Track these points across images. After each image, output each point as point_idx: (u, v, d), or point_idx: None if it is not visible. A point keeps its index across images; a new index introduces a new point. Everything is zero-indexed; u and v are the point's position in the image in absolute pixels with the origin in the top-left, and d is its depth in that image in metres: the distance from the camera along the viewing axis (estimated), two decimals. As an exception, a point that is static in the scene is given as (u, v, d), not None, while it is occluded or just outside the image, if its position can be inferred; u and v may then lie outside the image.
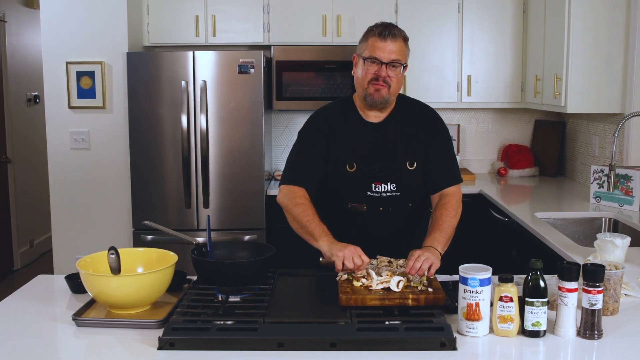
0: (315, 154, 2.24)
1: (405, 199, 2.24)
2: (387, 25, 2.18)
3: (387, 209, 2.23)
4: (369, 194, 2.22)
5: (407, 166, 2.22)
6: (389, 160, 2.22)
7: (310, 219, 2.09)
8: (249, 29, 4.28)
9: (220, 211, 4.03)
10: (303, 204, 2.15)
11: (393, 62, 2.14)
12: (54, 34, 4.03)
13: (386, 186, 2.22)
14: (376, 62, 2.14)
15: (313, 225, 2.07)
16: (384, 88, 2.15)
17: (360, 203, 2.23)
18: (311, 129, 2.30)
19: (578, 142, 4.22)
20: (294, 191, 2.20)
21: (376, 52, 2.13)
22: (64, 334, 1.73)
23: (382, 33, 2.13)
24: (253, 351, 1.59)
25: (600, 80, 3.52)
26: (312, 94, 4.25)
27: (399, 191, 2.22)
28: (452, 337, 1.59)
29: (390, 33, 2.13)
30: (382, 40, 2.13)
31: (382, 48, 2.13)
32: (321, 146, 2.24)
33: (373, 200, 2.22)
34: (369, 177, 2.21)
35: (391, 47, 2.13)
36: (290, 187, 2.22)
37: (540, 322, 1.64)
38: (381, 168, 2.21)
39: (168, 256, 1.94)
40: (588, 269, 1.63)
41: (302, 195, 2.18)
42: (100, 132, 4.11)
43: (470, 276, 1.64)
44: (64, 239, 4.20)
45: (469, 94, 4.32)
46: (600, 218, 3.24)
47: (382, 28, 2.15)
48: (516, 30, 4.28)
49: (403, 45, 2.17)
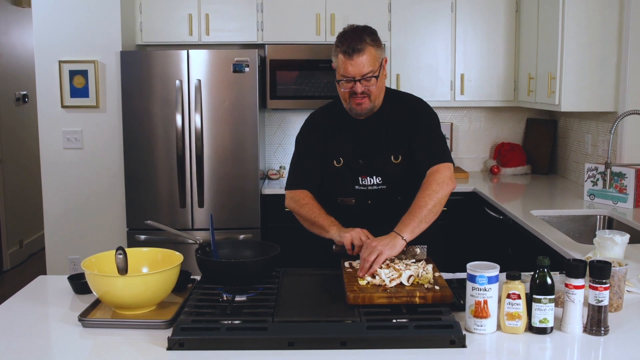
0: (312, 156, 2.33)
1: (392, 192, 2.28)
2: (351, 38, 2.12)
3: (375, 202, 2.28)
4: (356, 187, 2.28)
5: (392, 159, 2.26)
6: (374, 154, 2.26)
7: (317, 214, 2.22)
8: (243, 28, 4.27)
9: (215, 210, 4.02)
10: (308, 203, 2.27)
11: (364, 76, 2.13)
12: (46, 33, 4.00)
13: (372, 179, 2.27)
14: (349, 80, 2.15)
15: (321, 219, 2.20)
16: (364, 100, 2.19)
17: (348, 197, 2.30)
18: (304, 132, 2.39)
19: (570, 140, 4.26)
20: (298, 194, 2.31)
21: (347, 71, 2.13)
22: (70, 335, 1.72)
23: (346, 52, 2.10)
24: (263, 350, 1.58)
25: (594, 79, 3.55)
26: (306, 93, 4.24)
27: (385, 184, 2.27)
28: (461, 335, 1.60)
29: (355, 49, 2.09)
30: (349, 58, 2.10)
31: (352, 66, 2.11)
32: (315, 147, 2.32)
33: (361, 194, 2.28)
34: (355, 171, 2.27)
35: (359, 62, 2.10)
36: (293, 192, 2.34)
37: (548, 318, 1.65)
38: (366, 161, 2.26)
39: (173, 256, 1.93)
40: (595, 266, 1.64)
41: (306, 196, 2.30)
42: (94, 131, 4.09)
43: (478, 274, 1.65)
44: (57, 240, 4.17)
45: (462, 92, 4.35)
46: (595, 215, 3.27)
47: (346, 45, 2.11)
48: (509, 30, 4.31)
49: (373, 53, 2.13)
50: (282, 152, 4.74)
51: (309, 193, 2.29)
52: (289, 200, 2.34)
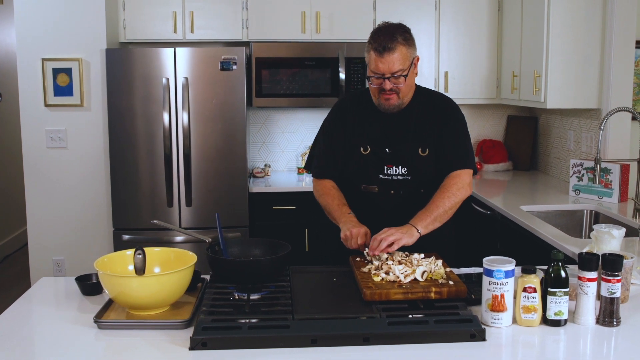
0: (338, 143, 2.37)
1: (417, 184, 2.31)
2: (383, 37, 2.16)
3: (398, 192, 2.31)
4: (380, 176, 2.32)
5: (420, 152, 2.30)
6: (402, 145, 2.30)
7: (332, 205, 2.29)
8: (228, 26, 4.25)
9: (203, 209, 3.99)
10: (327, 193, 2.34)
11: (394, 74, 2.18)
12: (28, 30, 3.92)
13: (398, 169, 2.30)
14: (379, 77, 2.19)
15: (334, 210, 2.28)
16: (393, 97, 2.23)
17: (372, 185, 2.33)
18: (332, 117, 2.43)
19: (551, 136, 4.35)
20: (321, 184, 2.39)
21: (377, 68, 2.18)
22: (86, 336, 1.69)
23: (377, 49, 2.16)
24: (286, 348, 1.59)
25: (578, 77, 3.64)
26: (291, 91, 4.24)
27: (410, 175, 2.30)
28: (481, 329, 1.63)
29: (386, 48, 2.15)
30: (380, 56, 2.16)
31: (382, 63, 2.16)
32: (341, 134, 2.37)
33: (385, 183, 2.32)
34: (382, 160, 2.31)
35: (389, 60, 2.16)
36: (318, 181, 2.42)
37: (562, 311, 1.69)
38: (394, 151, 2.30)
39: (186, 256, 1.92)
40: (607, 259, 1.69)
41: (326, 186, 2.37)
42: (78, 130, 4.02)
43: (495, 268, 1.69)
44: (41, 240, 4.09)
45: (446, 90, 4.39)
46: (582, 210, 3.35)
47: (377, 43, 2.16)
48: (491, 28, 4.37)
49: (404, 51, 2.18)
50: (266, 151, 4.74)
51: (331, 182, 2.37)
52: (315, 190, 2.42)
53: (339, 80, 4.17)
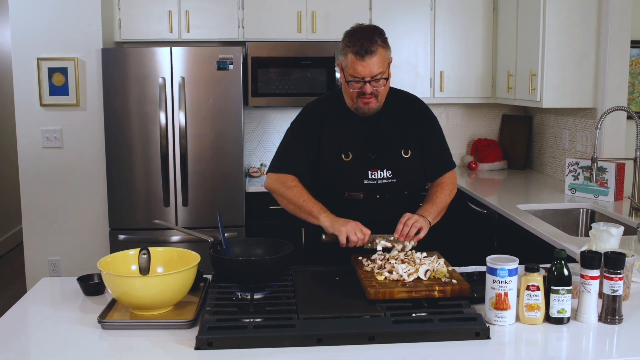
0: (307, 144, 2.28)
1: (401, 186, 2.29)
2: (363, 40, 2.12)
3: (384, 196, 2.28)
4: (365, 182, 2.27)
5: (402, 154, 2.29)
6: (385, 148, 2.27)
7: (306, 199, 2.18)
8: (223, 25, 4.24)
9: (199, 209, 3.99)
10: (296, 186, 2.22)
11: (375, 77, 2.15)
12: (23, 29, 3.90)
13: (382, 173, 2.26)
14: (359, 80, 2.16)
15: (310, 204, 2.17)
16: (372, 100, 2.20)
17: (356, 191, 2.27)
18: (304, 119, 2.35)
19: (546, 135, 4.37)
20: (284, 177, 2.26)
21: (357, 72, 2.14)
22: (91, 337, 1.69)
23: (358, 52, 2.11)
24: (292, 347, 1.59)
25: (574, 76, 3.66)
26: (287, 90, 4.25)
27: (395, 178, 2.27)
28: (485, 327, 1.64)
29: (368, 51, 2.10)
30: (361, 59, 2.12)
31: (363, 67, 2.12)
32: (312, 137, 2.28)
33: (369, 188, 2.27)
34: (365, 165, 2.26)
35: (370, 63, 2.12)
36: (279, 174, 2.28)
37: (565, 309, 1.70)
38: (378, 155, 2.26)
39: (190, 255, 1.92)
40: (610, 257, 1.70)
41: (293, 180, 2.24)
42: (74, 130, 4.01)
43: (499, 267, 1.70)
44: (36, 241, 4.08)
45: (441, 89, 4.41)
46: (578, 209, 3.37)
47: (358, 46, 2.11)
48: (486, 28, 4.39)
49: (382, 54, 2.15)
50: (261, 150, 4.74)
51: (295, 178, 2.24)
52: (272, 181, 2.27)
53: (334, 80, 4.18)
